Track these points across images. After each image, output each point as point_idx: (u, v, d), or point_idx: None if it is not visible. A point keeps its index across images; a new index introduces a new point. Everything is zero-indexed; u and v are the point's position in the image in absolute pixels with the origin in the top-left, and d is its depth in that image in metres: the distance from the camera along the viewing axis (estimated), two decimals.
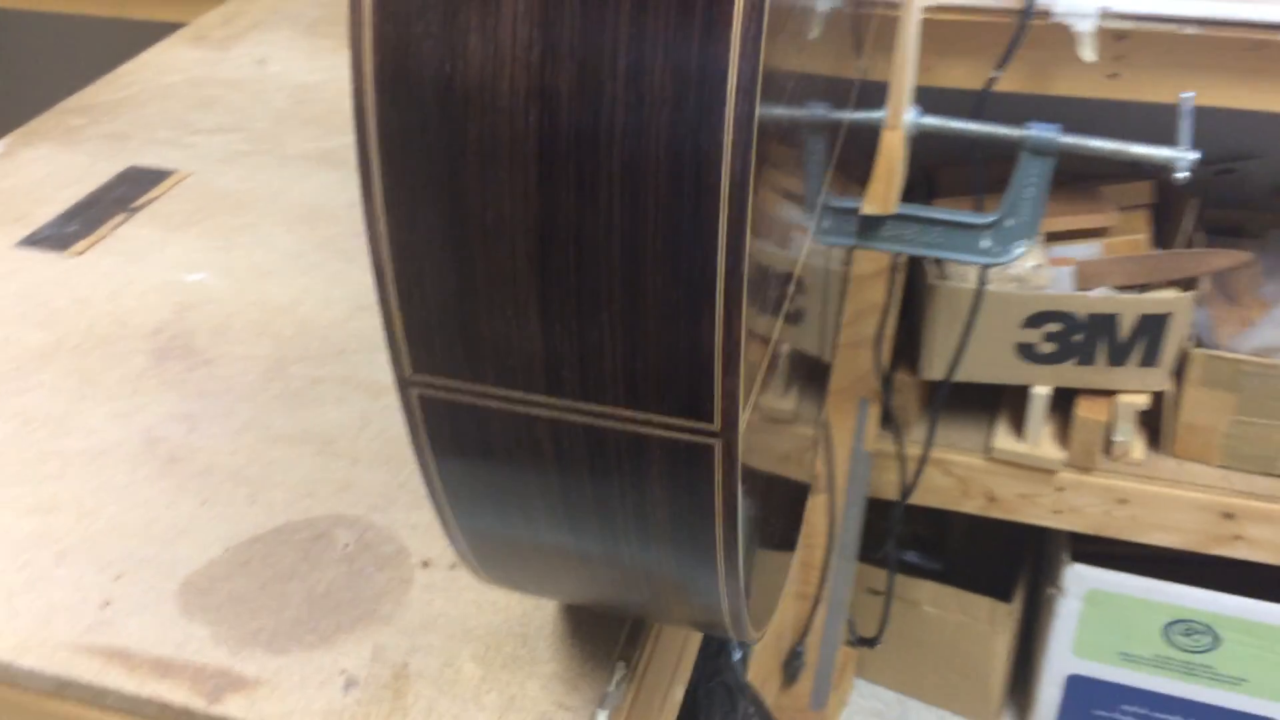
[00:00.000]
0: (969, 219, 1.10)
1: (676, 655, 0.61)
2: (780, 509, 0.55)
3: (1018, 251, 1.09)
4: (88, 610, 0.54)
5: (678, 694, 0.62)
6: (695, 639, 0.65)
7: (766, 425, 0.45)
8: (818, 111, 0.47)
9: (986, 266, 1.31)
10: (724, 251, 0.32)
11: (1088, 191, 1.39)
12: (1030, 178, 1.06)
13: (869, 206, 1.09)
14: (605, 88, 0.31)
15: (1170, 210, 1.41)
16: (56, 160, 0.94)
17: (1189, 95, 1.00)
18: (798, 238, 0.47)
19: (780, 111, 0.36)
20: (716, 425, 0.36)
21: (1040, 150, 1.04)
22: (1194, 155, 1.01)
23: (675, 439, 0.36)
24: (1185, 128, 1.02)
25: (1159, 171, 1.04)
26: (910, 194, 1.64)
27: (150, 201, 0.88)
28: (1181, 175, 1.04)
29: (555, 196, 0.33)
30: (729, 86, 0.30)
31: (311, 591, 0.54)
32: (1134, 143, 1.00)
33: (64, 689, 0.50)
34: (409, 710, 0.49)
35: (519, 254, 0.34)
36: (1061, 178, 0.94)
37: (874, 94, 0.79)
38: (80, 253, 0.81)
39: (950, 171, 1.50)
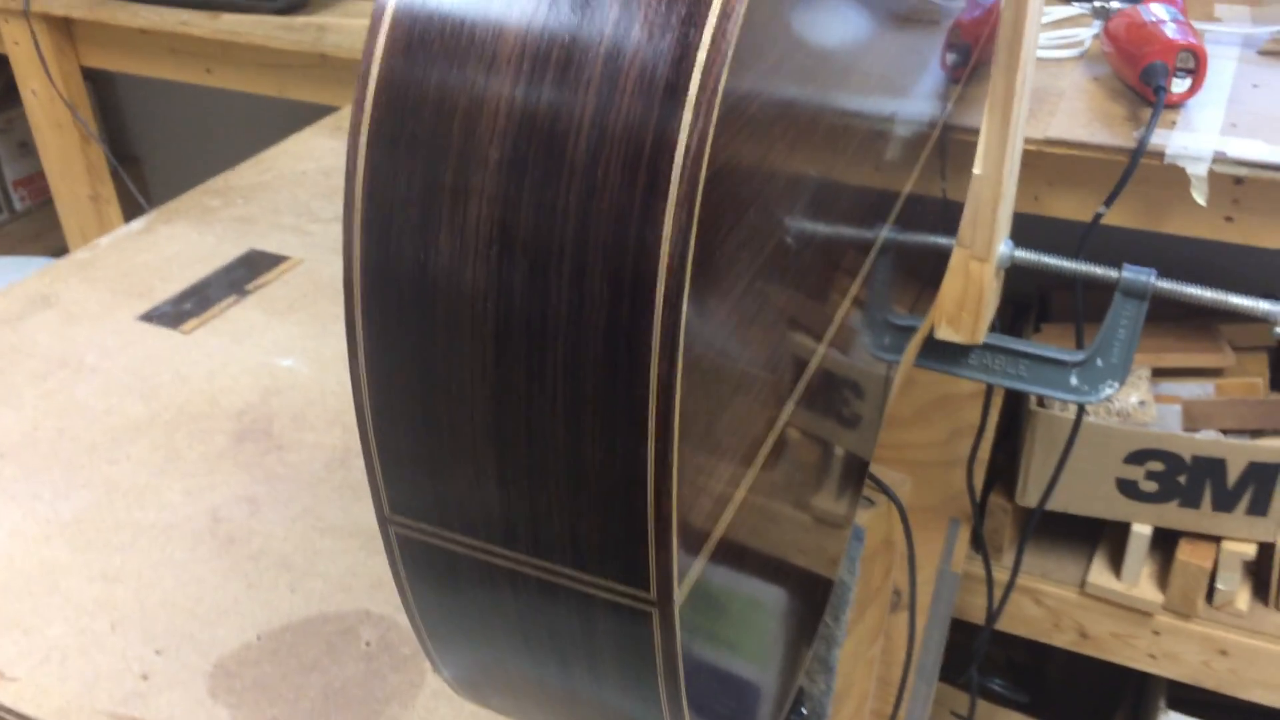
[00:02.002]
0: (1058, 355, 1.09)
1: None
2: (789, 597, 0.56)
3: (1107, 392, 1.08)
4: (128, 680, 0.59)
5: None
6: None
7: (766, 517, 0.47)
8: (833, 224, 0.49)
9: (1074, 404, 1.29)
10: (653, 441, 0.35)
11: (1204, 329, 1.36)
12: (1123, 319, 1.05)
13: (953, 334, 1.10)
14: (551, 286, 0.35)
15: None
16: (188, 238, 1.02)
17: None
18: (805, 343, 0.49)
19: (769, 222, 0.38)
20: (653, 595, 0.38)
21: (1134, 293, 1.03)
22: None
23: (618, 601, 0.39)
24: None
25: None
26: (1023, 315, 1.63)
27: (262, 286, 0.95)
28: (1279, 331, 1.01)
29: (508, 376, 0.36)
30: (657, 297, 0.33)
31: (329, 686, 0.58)
32: (1233, 293, 0.99)
33: None
34: None
35: (478, 423, 0.37)
36: (1177, 312, 0.93)
37: (933, 211, 0.80)
38: (190, 331, 0.88)
39: (1064, 296, 1.48)
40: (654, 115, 0.33)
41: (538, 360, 0.35)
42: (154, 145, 2.40)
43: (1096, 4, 1.28)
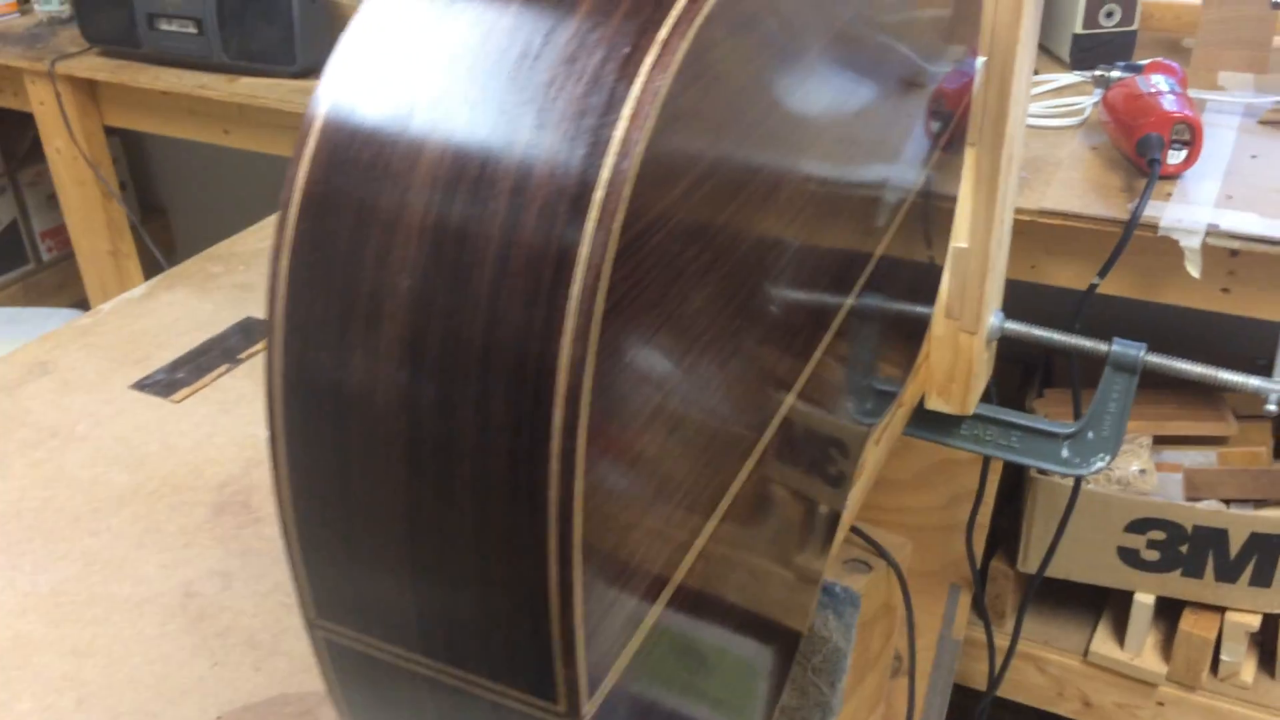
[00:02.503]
0: (1049, 427, 1.09)
1: None
2: (752, 652, 0.57)
3: (1099, 465, 1.08)
4: None
5: None
6: None
7: (725, 569, 0.48)
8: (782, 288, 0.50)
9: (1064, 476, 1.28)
10: (555, 563, 0.36)
11: (1207, 396, 1.35)
12: (1114, 392, 1.05)
13: (944, 405, 1.10)
14: (457, 409, 0.36)
15: None
16: (187, 305, 1.04)
17: None
18: (753, 403, 0.50)
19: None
20: (563, 708, 0.39)
21: (1124, 367, 1.03)
22: None
23: (530, 713, 0.39)
24: None
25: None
26: (1030, 377, 1.62)
27: (255, 354, 0.96)
28: (1272, 408, 1.01)
29: (420, 495, 0.37)
30: (554, 426, 0.34)
31: None
32: (1224, 370, 0.99)
33: None
34: None
35: (394, 537, 0.38)
36: (1179, 380, 0.93)
37: (908, 275, 0.80)
38: (181, 400, 0.90)
39: (1067, 361, 1.48)
40: (554, 248, 0.34)
41: (446, 481, 0.36)
42: (181, 197, 2.44)
43: (1097, 72, 1.29)
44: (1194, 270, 1.09)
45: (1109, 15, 1.36)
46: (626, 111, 0.34)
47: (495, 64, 0.37)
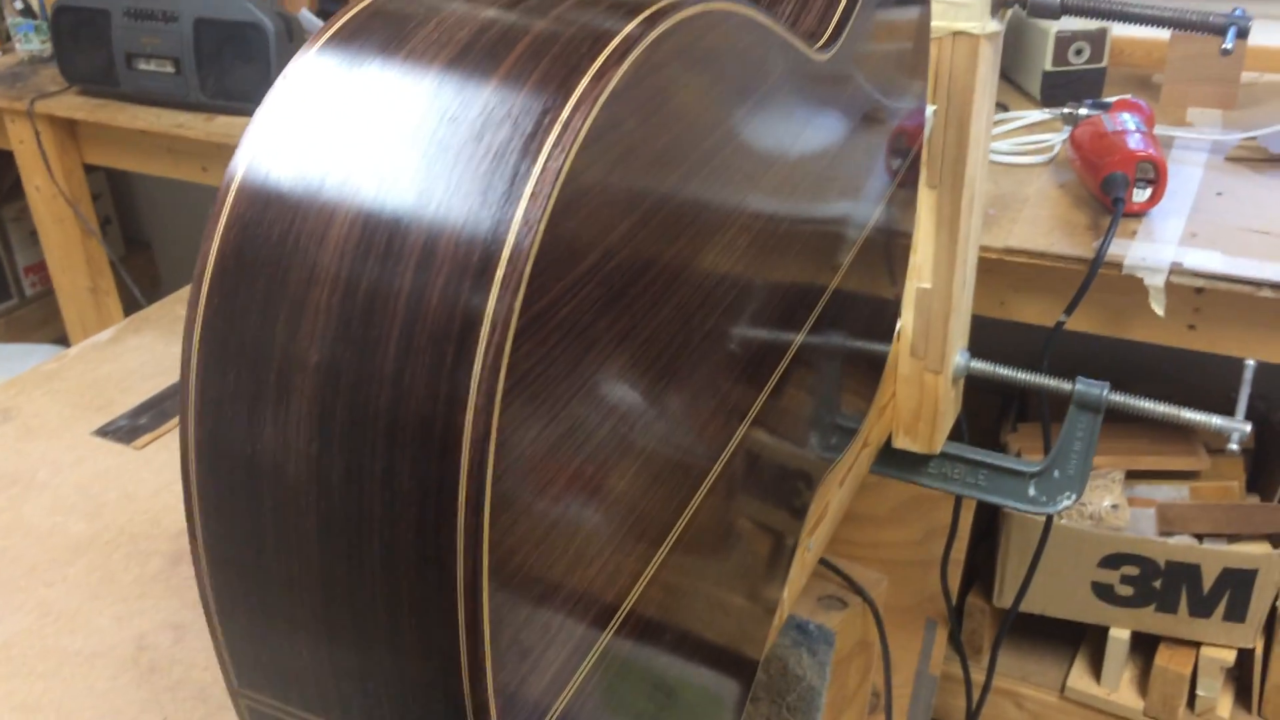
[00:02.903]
0: (1015, 465, 1.09)
1: None
2: (707, 680, 0.57)
3: (1065, 503, 1.08)
4: None
5: None
6: None
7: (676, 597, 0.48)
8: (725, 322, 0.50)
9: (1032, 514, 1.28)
10: (464, 636, 0.36)
11: (1179, 430, 1.35)
12: (1078, 431, 1.05)
13: (911, 444, 1.10)
14: (366, 484, 0.36)
15: (1268, 456, 1.36)
16: (154, 349, 1.05)
17: (1251, 364, 0.98)
18: (702, 434, 0.50)
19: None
20: None
21: (1087, 406, 1.03)
22: (1246, 427, 0.98)
23: None
24: (1244, 398, 1.00)
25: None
26: (1007, 409, 1.62)
27: None
28: (1234, 447, 1.01)
29: (333, 569, 0.37)
30: (459, 503, 0.34)
31: None
32: (1186, 409, 0.99)
33: None
34: None
35: (309, 610, 0.38)
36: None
37: (862, 311, 0.80)
38: (142, 447, 0.90)
39: (1040, 396, 1.48)
40: (457, 324, 0.34)
41: (357, 552, 0.37)
42: (166, 232, 2.45)
43: (1065, 110, 1.30)
44: (1158, 308, 1.10)
45: (1078, 53, 1.37)
46: (527, 190, 0.34)
47: (408, 138, 0.37)
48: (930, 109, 0.84)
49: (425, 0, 0.42)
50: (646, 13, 0.40)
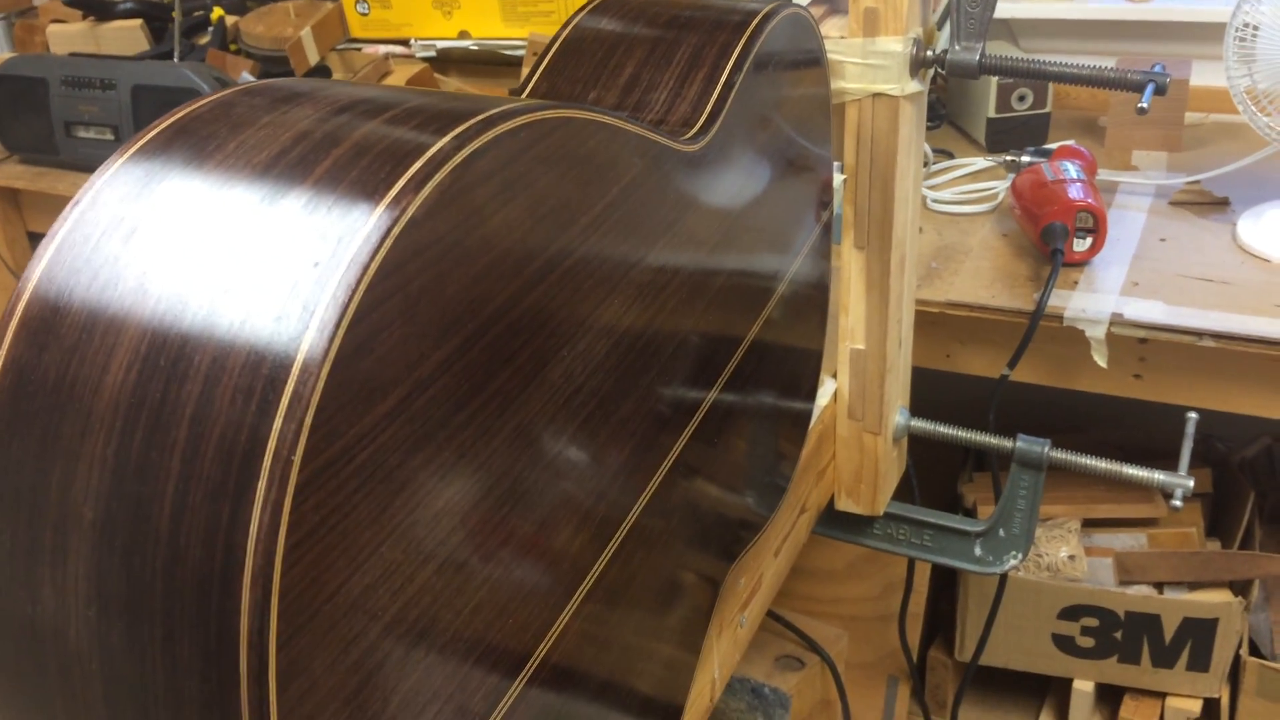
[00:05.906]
0: (960, 525, 1.07)
1: None
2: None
3: (1011, 563, 1.05)
4: None
5: None
6: None
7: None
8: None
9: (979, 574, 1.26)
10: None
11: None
12: (1021, 489, 1.03)
13: (854, 505, 1.07)
14: (146, 649, 0.33)
15: (1228, 501, 1.33)
16: None
17: (1193, 416, 0.96)
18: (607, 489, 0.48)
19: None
20: None
21: (1029, 463, 1.01)
22: (1189, 483, 0.96)
23: None
24: (1187, 452, 0.97)
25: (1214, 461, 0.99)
26: (963, 460, 1.59)
27: None
28: (1177, 503, 0.98)
29: None
30: (241, 674, 0.32)
31: None
32: (1128, 465, 0.96)
33: None
34: None
35: None
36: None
37: (786, 364, 0.77)
38: None
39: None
40: (231, 482, 0.32)
41: None
42: None
43: (1008, 158, 1.28)
44: (1100, 360, 1.08)
45: (1021, 99, 1.36)
46: (311, 329, 0.32)
47: (199, 269, 0.35)
48: (839, 178, 0.82)
49: (232, 116, 0.40)
50: (460, 128, 0.37)
